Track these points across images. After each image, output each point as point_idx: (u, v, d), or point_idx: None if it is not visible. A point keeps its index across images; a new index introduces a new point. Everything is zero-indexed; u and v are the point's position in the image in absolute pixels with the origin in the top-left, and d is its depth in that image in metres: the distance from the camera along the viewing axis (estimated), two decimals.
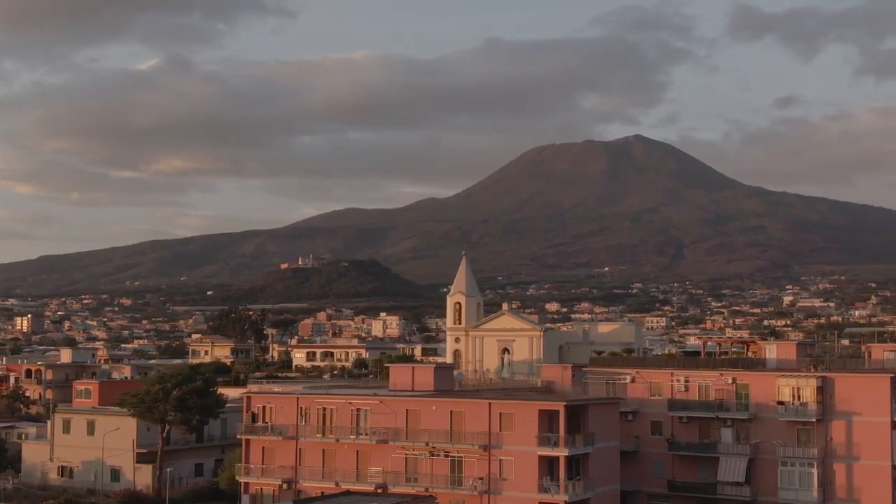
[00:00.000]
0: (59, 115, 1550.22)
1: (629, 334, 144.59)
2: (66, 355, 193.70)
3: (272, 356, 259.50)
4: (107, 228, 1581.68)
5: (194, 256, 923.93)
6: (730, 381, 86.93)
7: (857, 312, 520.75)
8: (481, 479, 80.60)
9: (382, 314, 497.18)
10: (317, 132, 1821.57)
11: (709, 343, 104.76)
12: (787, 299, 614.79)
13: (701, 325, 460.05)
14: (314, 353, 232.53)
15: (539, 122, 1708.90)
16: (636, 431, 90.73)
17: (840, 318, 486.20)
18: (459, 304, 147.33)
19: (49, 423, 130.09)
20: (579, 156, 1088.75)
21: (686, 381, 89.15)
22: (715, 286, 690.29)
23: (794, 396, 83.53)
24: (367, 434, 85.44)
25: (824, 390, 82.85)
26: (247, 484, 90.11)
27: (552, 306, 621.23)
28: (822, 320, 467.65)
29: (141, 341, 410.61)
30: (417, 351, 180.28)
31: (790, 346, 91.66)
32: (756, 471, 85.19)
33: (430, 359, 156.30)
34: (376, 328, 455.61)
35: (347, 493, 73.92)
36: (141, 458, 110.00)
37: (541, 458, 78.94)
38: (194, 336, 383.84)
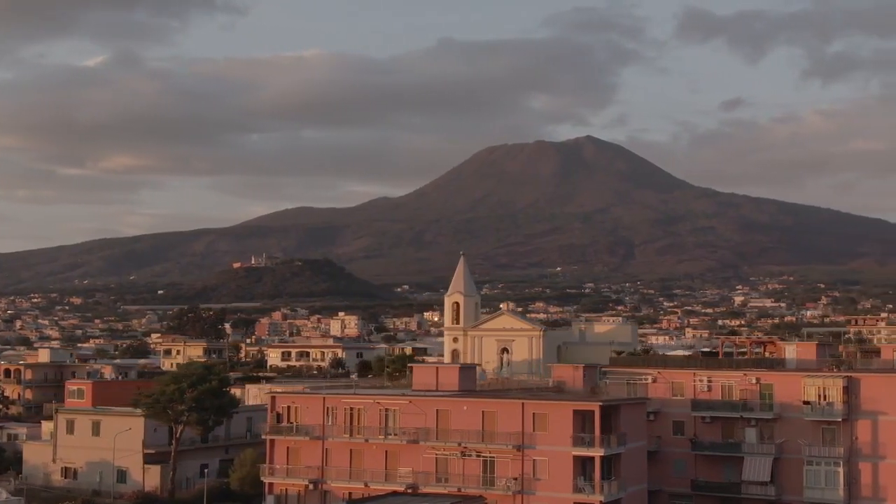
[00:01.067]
0: (6, 112, 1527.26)
1: (625, 334, 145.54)
2: (44, 355, 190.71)
3: (244, 356, 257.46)
4: (54, 226, 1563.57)
5: (144, 255, 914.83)
6: (754, 381, 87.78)
7: (808, 313, 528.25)
8: (515, 479, 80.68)
9: (341, 314, 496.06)
10: (267, 130, 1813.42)
11: (726, 343, 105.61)
12: (738, 299, 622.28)
13: (657, 325, 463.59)
14: (289, 353, 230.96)
15: (490, 121, 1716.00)
16: (658, 431, 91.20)
17: (794, 319, 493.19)
18: (458, 303, 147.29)
19: (44, 423, 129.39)
20: (531, 156, 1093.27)
21: (709, 382, 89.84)
22: (666, 286, 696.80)
23: (820, 396, 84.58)
24: (396, 434, 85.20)
25: (849, 390, 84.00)
26: (271, 484, 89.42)
27: (507, 306, 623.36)
28: (776, 320, 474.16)
29: (97, 341, 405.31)
30: (408, 350, 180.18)
31: (810, 347, 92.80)
32: (781, 470, 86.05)
33: (425, 359, 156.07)
34: (334, 328, 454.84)
35: (394, 493, 73.60)
36: (147, 459, 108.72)
37: (575, 458, 79.24)
38: (154, 336, 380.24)
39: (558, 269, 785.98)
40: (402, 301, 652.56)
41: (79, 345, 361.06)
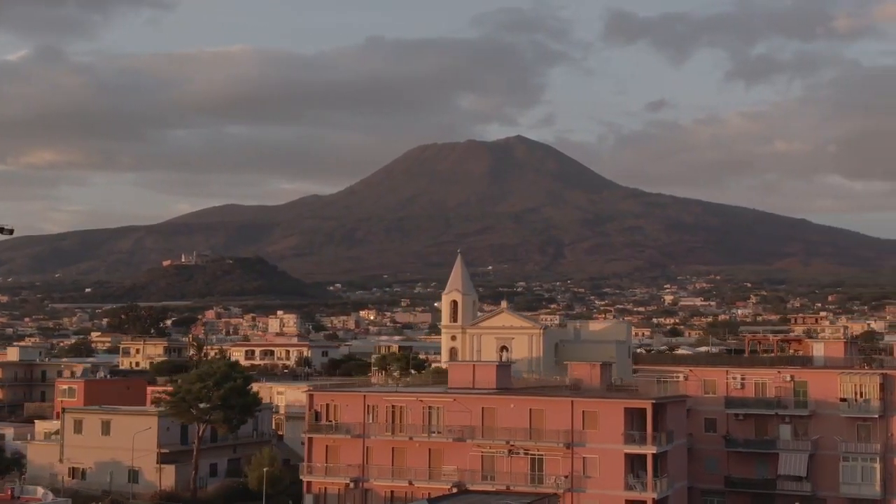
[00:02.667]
0: None
1: (621, 332, 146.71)
2: (12, 353, 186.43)
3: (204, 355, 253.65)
4: None
5: (69, 252, 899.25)
6: (788, 378, 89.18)
7: (739, 311, 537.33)
8: (565, 476, 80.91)
9: (279, 312, 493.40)
10: (192, 126, 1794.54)
11: (752, 341, 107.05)
12: (668, 298, 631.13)
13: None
14: (253, 352, 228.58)
15: (420, 120, 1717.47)
16: (690, 429, 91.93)
17: (727, 317, 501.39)
18: (456, 301, 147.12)
19: (38, 423, 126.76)
20: (462, 155, 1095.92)
21: (742, 379, 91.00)
22: (596, 285, 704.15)
23: (856, 393, 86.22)
24: (440, 432, 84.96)
25: (885, 387, 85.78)
26: (309, 483, 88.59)
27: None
28: (710, 319, 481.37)
29: (32, 339, 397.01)
30: (394, 348, 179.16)
31: (838, 345, 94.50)
32: (816, 466, 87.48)
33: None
34: (273, 327, 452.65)
35: (466, 492, 73.33)
36: (159, 459, 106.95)
37: (626, 455, 79.75)
38: (94, 334, 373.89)
39: (490, 267, 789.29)
40: (336, 300, 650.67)
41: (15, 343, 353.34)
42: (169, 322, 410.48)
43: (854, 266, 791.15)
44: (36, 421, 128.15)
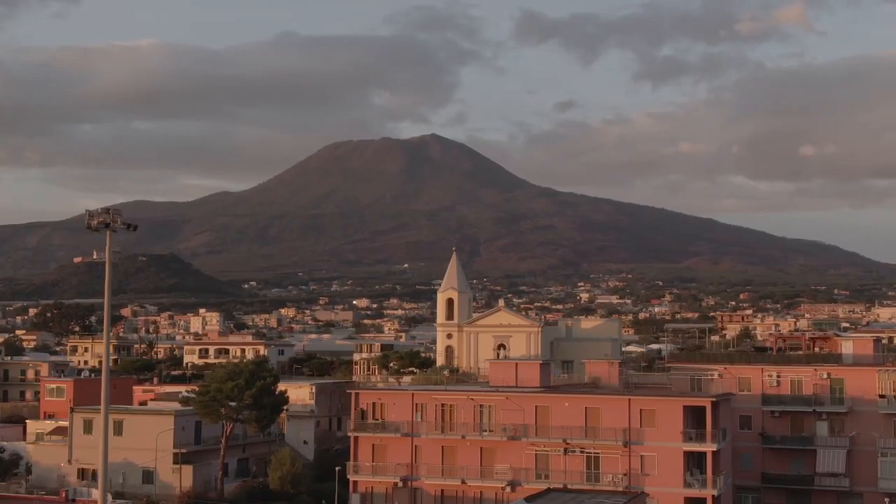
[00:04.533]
0: None
1: (613, 330, 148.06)
2: None
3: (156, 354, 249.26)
4: None
5: None
6: (825, 375, 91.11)
7: (656, 309, 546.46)
8: (623, 475, 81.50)
9: (202, 311, 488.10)
10: (99, 121, 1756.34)
11: (778, 340, 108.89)
12: (584, 296, 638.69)
13: None
14: (207, 350, 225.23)
15: (333, 117, 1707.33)
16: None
17: (647, 315, 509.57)
18: (452, 299, 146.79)
19: (29, 423, 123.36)
20: (377, 153, 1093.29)
21: (778, 377, 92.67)
22: (512, 283, 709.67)
23: (894, 390, 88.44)
24: (491, 430, 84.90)
25: None
26: (355, 482, 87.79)
27: (362, 302, 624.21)
28: (630, 316, 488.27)
29: None
30: (376, 347, 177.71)
31: (867, 342, 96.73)
32: (853, 462, 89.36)
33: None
34: (195, 325, 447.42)
35: (548, 490, 73.18)
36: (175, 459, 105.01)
37: (685, 453, 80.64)
38: (18, 332, 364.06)
39: (405, 265, 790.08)
40: (252, 298, 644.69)
41: None
42: (94, 319, 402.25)
43: (761, 265, 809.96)
44: (27, 421, 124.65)
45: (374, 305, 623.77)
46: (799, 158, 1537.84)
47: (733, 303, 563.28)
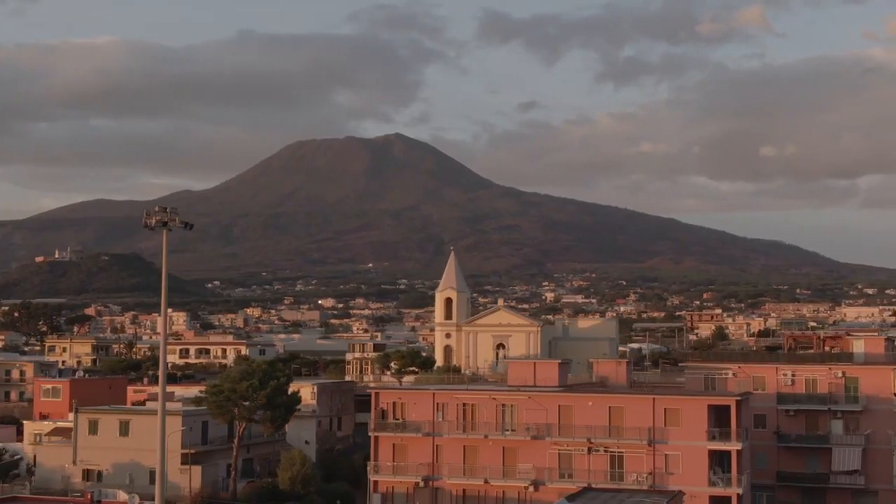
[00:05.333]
0: None
1: (610, 330, 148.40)
2: None
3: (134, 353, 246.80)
4: None
5: None
6: (839, 374, 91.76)
7: (621, 308, 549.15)
8: (648, 473, 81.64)
9: (169, 310, 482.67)
10: (57, 119, 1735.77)
11: (789, 339, 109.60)
12: (549, 296, 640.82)
13: None
14: (187, 350, 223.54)
15: (296, 116, 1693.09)
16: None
17: (614, 314, 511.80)
18: (450, 299, 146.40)
19: (27, 424, 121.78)
20: (341, 152, 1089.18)
21: (793, 376, 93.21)
22: (477, 282, 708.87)
23: None
24: (514, 430, 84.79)
25: None
26: (376, 482, 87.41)
27: (327, 302, 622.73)
28: (597, 316, 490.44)
29: None
30: (369, 347, 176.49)
31: (879, 341, 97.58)
32: (868, 460, 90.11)
33: None
34: (160, 325, 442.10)
35: (586, 489, 73.13)
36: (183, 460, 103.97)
37: (709, 452, 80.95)
38: None
39: (370, 265, 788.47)
40: (216, 297, 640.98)
41: None
42: (62, 319, 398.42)
43: (723, 265, 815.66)
44: (25, 422, 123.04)
45: (341, 305, 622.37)
46: (759, 159, 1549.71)
47: (698, 302, 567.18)
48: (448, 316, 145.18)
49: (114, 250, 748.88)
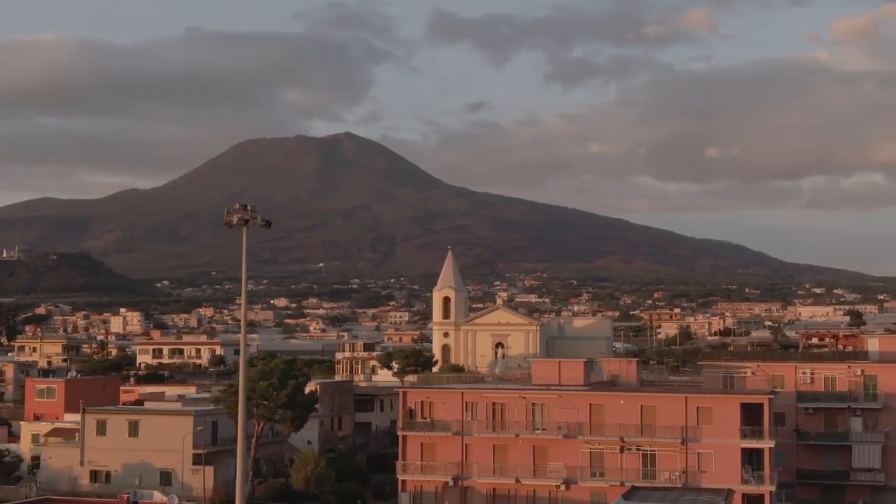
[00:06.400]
0: None
1: (606, 329, 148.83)
2: None
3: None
4: None
5: None
6: (858, 372, 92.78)
7: (575, 308, 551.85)
8: (681, 472, 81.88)
9: (123, 310, 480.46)
10: (1, 117, 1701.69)
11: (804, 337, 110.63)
12: (502, 295, 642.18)
13: None
14: (160, 350, 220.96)
15: (245, 114, 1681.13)
16: None
17: (571, 314, 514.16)
18: (448, 298, 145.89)
19: (24, 425, 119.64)
20: (291, 151, 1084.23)
21: (812, 374, 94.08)
22: (430, 282, 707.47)
23: None
24: (544, 429, 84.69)
25: None
26: (404, 482, 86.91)
27: (280, 302, 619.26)
28: (554, 315, 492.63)
29: None
30: (359, 346, 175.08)
31: (892, 339, 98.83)
32: (888, 457, 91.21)
33: None
34: (115, 325, 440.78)
35: (634, 488, 73.17)
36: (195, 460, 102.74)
37: (742, 450, 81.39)
38: None
39: (321, 264, 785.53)
40: (165, 297, 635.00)
41: None
42: (18, 320, 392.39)
43: (672, 264, 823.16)
44: (22, 423, 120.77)
45: (294, 305, 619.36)
46: (705, 160, 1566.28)
47: (650, 301, 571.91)
48: (446, 315, 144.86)
49: (60, 249, 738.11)
